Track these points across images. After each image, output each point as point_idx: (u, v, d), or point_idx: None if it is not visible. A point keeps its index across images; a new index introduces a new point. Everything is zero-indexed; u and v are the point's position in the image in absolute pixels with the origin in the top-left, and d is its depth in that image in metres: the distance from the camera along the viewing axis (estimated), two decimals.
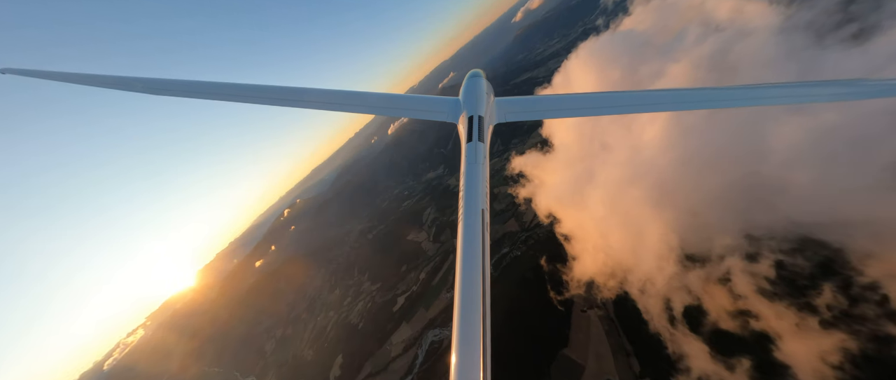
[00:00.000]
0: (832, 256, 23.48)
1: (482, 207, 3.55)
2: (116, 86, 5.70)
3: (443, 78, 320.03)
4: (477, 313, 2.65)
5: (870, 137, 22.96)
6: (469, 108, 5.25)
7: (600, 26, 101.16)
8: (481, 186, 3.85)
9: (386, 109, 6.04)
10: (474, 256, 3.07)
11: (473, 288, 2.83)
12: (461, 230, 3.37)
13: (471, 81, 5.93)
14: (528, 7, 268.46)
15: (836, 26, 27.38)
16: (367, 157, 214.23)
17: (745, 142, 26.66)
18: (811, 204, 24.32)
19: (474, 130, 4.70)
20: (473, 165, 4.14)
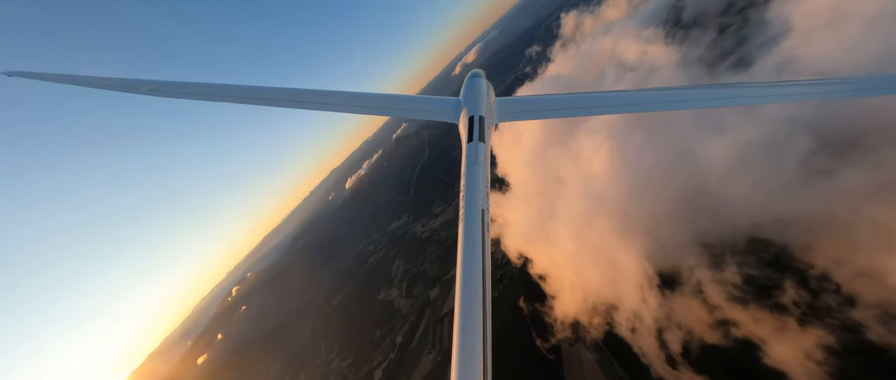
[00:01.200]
0: (779, 253, 26.08)
1: (482, 207, 3.53)
2: (120, 88, 5.65)
3: (396, 128, 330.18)
4: (477, 314, 2.63)
5: (779, 142, 27.24)
6: (469, 107, 5.21)
7: (530, 73, 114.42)
8: (481, 187, 3.82)
9: (386, 109, 6.01)
10: (474, 256, 3.06)
11: (473, 288, 2.81)
12: (461, 230, 3.36)
13: (471, 81, 5.86)
14: (464, 61, 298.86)
15: (719, 59, 34.37)
16: (324, 215, 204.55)
17: (680, 162, 30.29)
18: (747, 208, 27.57)
19: (475, 130, 4.67)
20: (474, 166, 4.12)
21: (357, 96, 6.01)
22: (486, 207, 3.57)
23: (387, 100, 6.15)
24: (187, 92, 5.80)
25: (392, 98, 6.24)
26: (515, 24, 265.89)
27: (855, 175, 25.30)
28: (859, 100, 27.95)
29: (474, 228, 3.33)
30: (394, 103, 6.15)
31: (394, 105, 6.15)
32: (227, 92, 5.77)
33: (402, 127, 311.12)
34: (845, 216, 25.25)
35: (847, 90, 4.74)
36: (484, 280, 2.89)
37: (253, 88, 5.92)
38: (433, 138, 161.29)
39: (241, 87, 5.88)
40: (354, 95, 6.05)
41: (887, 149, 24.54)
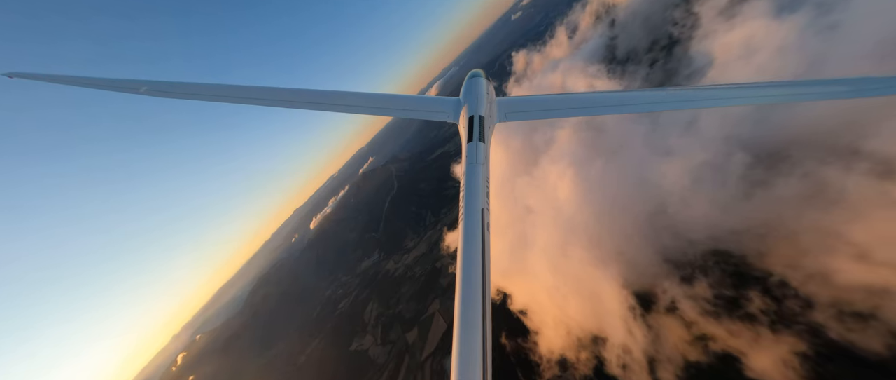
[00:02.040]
0: (739, 263, 27.51)
1: (482, 206, 3.54)
2: (121, 88, 5.67)
3: (362, 163, 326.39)
4: (477, 313, 2.63)
5: (720, 160, 29.74)
6: (470, 107, 5.20)
7: None
8: (481, 186, 3.81)
9: (386, 109, 5.95)
10: (474, 256, 3.05)
11: (473, 288, 2.80)
12: (462, 230, 3.36)
13: (471, 81, 5.81)
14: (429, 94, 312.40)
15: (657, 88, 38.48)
16: (287, 260, 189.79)
17: (638, 184, 32.03)
18: (702, 223, 29.37)
19: (475, 130, 4.66)
20: (474, 166, 4.12)
21: (357, 96, 5.94)
22: (487, 207, 3.56)
23: (387, 100, 6.07)
24: (187, 92, 5.72)
25: (392, 98, 6.15)
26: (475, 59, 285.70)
27: (788, 185, 27.98)
28: (777, 115, 32.53)
29: (474, 228, 3.33)
30: (394, 103, 6.07)
31: (394, 105, 6.07)
32: (227, 92, 5.72)
33: (369, 161, 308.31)
34: (788, 223, 27.47)
35: (847, 91, 4.67)
36: (484, 280, 2.89)
37: (253, 89, 5.89)
38: (401, 171, 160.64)
39: (241, 88, 5.83)
40: (354, 95, 5.97)
41: (808, 160, 27.65)
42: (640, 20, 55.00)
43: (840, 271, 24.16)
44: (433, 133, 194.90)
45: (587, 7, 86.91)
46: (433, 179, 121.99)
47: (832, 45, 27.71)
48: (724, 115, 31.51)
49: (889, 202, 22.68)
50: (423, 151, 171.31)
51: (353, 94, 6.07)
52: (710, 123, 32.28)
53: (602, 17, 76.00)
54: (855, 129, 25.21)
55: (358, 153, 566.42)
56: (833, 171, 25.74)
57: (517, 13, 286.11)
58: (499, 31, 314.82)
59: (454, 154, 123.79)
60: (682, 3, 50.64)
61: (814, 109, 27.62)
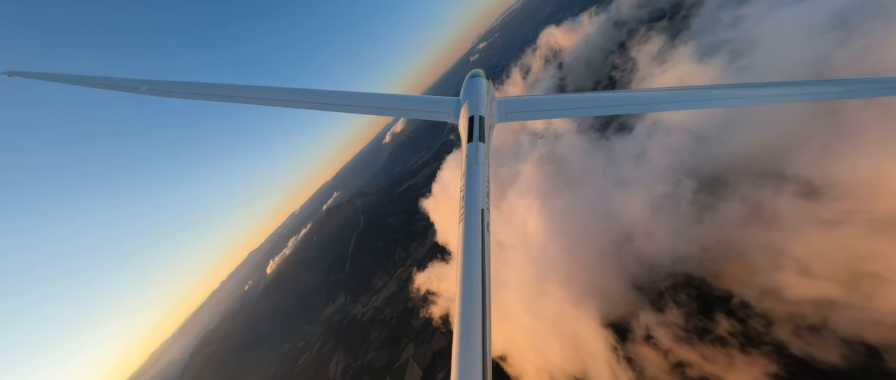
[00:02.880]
0: (700, 285, 28.55)
1: (482, 207, 3.55)
2: (120, 88, 5.68)
3: (326, 199, 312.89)
4: (477, 313, 2.64)
5: (671, 187, 31.87)
6: (470, 107, 5.20)
7: (453, 139, 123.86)
8: (481, 186, 3.82)
9: (386, 109, 5.89)
10: (474, 256, 3.06)
11: (473, 288, 2.82)
12: (461, 230, 3.36)
13: (471, 81, 5.81)
14: (393, 131, 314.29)
15: (605, 125, 41.79)
16: (239, 310, 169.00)
17: (601, 215, 33.04)
18: (662, 248, 30.57)
19: (475, 130, 4.65)
20: (474, 166, 4.11)
21: (357, 96, 5.94)
22: (487, 207, 3.58)
23: (387, 100, 6.06)
24: (187, 92, 5.73)
25: (392, 98, 6.14)
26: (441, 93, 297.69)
27: (731, 207, 30.31)
28: (709, 142, 36.27)
29: (474, 228, 3.32)
30: (394, 103, 6.06)
31: (394, 105, 6.07)
32: (226, 92, 5.73)
33: (334, 196, 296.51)
34: (736, 243, 29.37)
35: (848, 91, 4.67)
36: (484, 280, 2.88)
37: (253, 88, 5.89)
38: (368, 205, 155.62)
39: (241, 87, 5.85)
40: (354, 95, 5.97)
41: (743, 184, 30.44)
42: (583, 63, 61.23)
43: (788, 287, 25.72)
44: (399, 168, 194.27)
45: (537, 51, 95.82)
46: (402, 212, 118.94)
47: (744, 77, 32.13)
48: (667, 145, 34.46)
49: (816, 220, 25.16)
50: (390, 184, 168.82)
51: (353, 94, 6.04)
52: (656, 153, 34.94)
53: (550, 60, 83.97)
54: (777, 154, 28.42)
55: (322, 188, 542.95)
56: (766, 193, 28.43)
57: (475, 55, 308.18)
58: (459, 70, 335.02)
59: (422, 187, 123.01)
60: (618, 51, 57.29)
61: (740, 137, 31.01)
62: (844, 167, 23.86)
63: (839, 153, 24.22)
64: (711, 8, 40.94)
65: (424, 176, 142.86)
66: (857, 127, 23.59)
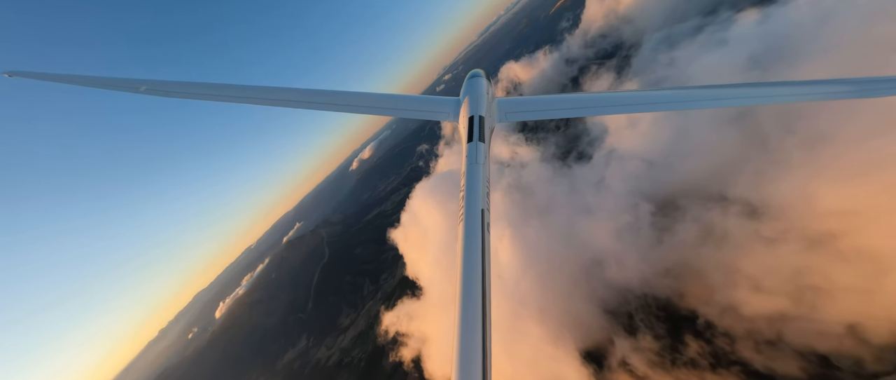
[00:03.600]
0: (666, 305, 29.22)
1: (482, 207, 3.54)
2: (120, 88, 5.73)
3: (287, 230, 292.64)
4: (477, 313, 2.67)
5: (631, 211, 33.29)
6: (470, 107, 5.17)
7: (423, 166, 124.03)
8: (481, 187, 3.79)
9: (386, 109, 5.93)
10: (474, 257, 3.06)
11: (473, 288, 2.84)
12: (461, 230, 3.35)
13: (471, 81, 5.80)
14: (361, 157, 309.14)
15: (566, 154, 43.83)
16: (177, 365, 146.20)
17: (570, 242, 33.44)
18: (628, 271, 31.28)
19: (475, 130, 4.63)
20: (474, 166, 4.10)
21: (357, 96, 5.92)
22: (487, 208, 3.58)
23: (387, 100, 6.04)
24: (187, 92, 5.71)
25: (392, 98, 6.13)
26: (405, 124, 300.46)
27: (686, 229, 32.06)
28: (658, 167, 39.08)
29: (474, 228, 3.33)
30: (394, 103, 6.05)
31: (394, 105, 6.05)
32: (226, 92, 5.70)
33: (296, 227, 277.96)
34: (693, 263, 30.82)
35: (850, 91, 4.63)
36: (484, 280, 2.91)
37: (252, 88, 5.87)
38: (334, 236, 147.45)
39: (241, 87, 5.82)
40: (354, 95, 5.95)
41: (693, 206, 32.57)
42: (540, 94, 65.05)
43: (744, 303, 26.98)
44: (367, 194, 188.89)
45: (498, 84, 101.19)
46: (370, 241, 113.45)
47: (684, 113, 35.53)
48: (623, 171, 36.52)
49: (760, 238, 27.18)
50: (358, 212, 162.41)
51: (352, 93, 6.02)
52: (614, 179, 36.77)
53: (511, 92, 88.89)
54: (719, 178, 30.98)
55: (282, 219, 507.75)
56: (714, 214, 30.52)
57: (441, 86, 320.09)
58: None
59: (392, 214, 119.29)
60: (571, 85, 61.90)
61: (687, 163, 33.62)
62: (776, 189, 26.34)
63: (770, 177, 26.81)
64: (648, 50, 46.26)
65: (394, 203, 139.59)
66: (782, 154, 26.44)
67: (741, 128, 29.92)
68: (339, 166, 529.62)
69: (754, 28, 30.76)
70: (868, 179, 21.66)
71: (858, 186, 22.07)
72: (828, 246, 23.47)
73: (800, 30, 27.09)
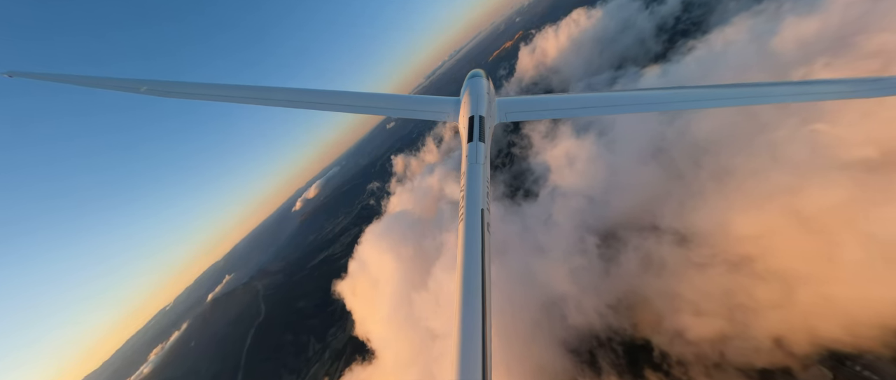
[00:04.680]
0: (622, 338, 29.15)
1: (482, 207, 3.53)
2: (121, 88, 5.74)
3: (213, 285, 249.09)
4: (477, 313, 2.68)
5: (580, 245, 33.98)
6: (470, 107, 5.18)
7: (374, 205, 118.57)
8: (481, 186, 3.81)
9: (386, 109, 5.91)
10: (474, 256, 3.07)
11: (473, 288, 2.84)
12: (462, 230, 3.34)
13: (472, 81, 5.82)
14: (306, 196, 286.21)
15: (514, 192, 44.99)
16: None
17: (525, 282, 32.57)
18: (583, 306, 31.16)
19: (475, 130, 4.62)
20: (474, 166, 4.11)
21: (357, 96, 5.96)
22: (487, 207, 3.56)
23: (387, 100, 6.07)
24: (187, 92, 5.72)
25: (392, 98, 6.17)
26: (354, 161, 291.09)
27: (629, 258, 33.49)
28: (597, 202, 41.72)
29: (474, 228, 3.30)
30: (394, 103, 6.07)
31: (394, 105, 6.06)
32: (226, 92, 5.73)
33: (226, 280, 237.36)
34: (640, 290, 31.89)
35: (850, 91, 4.62)
36: (484, 280, 2.91)
37: (253, 88, 5.91)
38: (272, 288, 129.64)
39: (241, 87, 5.86)
40: (354, 95, 5.99)
41: (631, 236, 34.55)
42: None
43: (688, 328, 27.98)
44: (313, 236, 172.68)
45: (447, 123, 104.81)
46: (316, 291, 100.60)
47: (611, 151, 39.02)
48: (568, 208, 38.02)
49: (692, 263, 29.20)
50: (302, 257, 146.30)
51: (352, 93, 5.99)
52: (560, 215, 37.94)
53: (454, 136, 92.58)
54: (650, 210, 33.55)
55: (208, 272, 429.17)
56: (650, 243, 32.47)
57: (391, 123, 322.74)
58: (376, 137, 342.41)
59: (341, 257, 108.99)
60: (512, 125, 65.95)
61: (622, 197, 36.19)
62: (698, 218, 29.01)
63: (691, 208, 29.61)
64: None
65: (343, 244, 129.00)
66: (697, 186, 29.64)
67: (661, 164, 33.36)
68: (280, 208, 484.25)
69: (657, 80, 35.89)
70: (767, 206, 24.83)
71: (761, 213, 25.12)
72: (747, 268, 25.84)
73: (695, 80, 32.09)
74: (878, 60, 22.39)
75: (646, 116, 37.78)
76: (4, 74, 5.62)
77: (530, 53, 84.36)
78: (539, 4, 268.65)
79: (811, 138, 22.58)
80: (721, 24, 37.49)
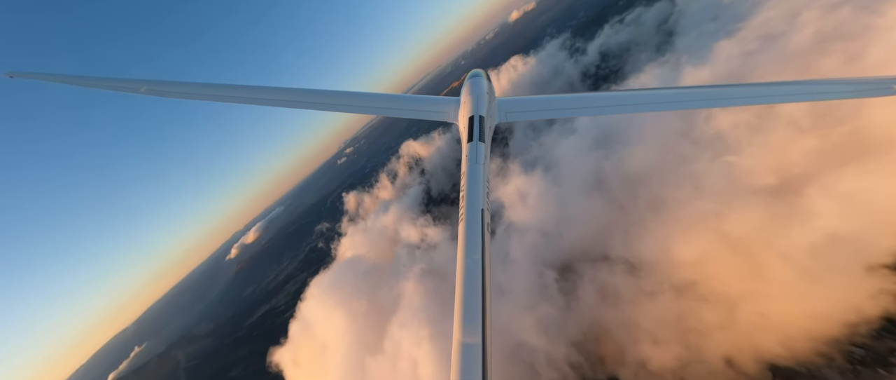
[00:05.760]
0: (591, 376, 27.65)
1: (482, 207, 3.50)
2: (120, 88, 5.69)
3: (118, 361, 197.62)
4: (477, 313, 2.63)
5: (539, 280, 32.97)
6: (470, 107, 5.14)
7: (323, 247, 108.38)
8: (481, 186, 3.78)
9: (386, 109, 5.91)
10: (474, 257, 3.06)
11: (473, 288, 2.81)
12: (462, 230, 3.34)
13: (472, 81, 5.78)
14: (243, 242, 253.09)
15: None
16: None
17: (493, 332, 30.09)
18: (552, 345, 29.50)
19: (475, 130, 4.59)
20: (474, 166, 4.07)
21: (357, 96, 5.94)
22: (487, 207, 3.53)
23: (387, 100, 6.07)
24: (187, 92, 5.69)
25: (392, 98, 6.22)
26: (301, 199, 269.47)
27: (586, 290, 33.21)
28: (552, 236, 42.21)
29: (474, 228, 3.28)
30: (394, 103, 6.06)
31: (394, 105, 6.04)
32: (226, 92, 5.69)
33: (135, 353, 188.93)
34: (601, 322, 31.31)
35: (851, 91, 4.52)
36: (484, 280, 2.87)
37: (253, 88, 5.85)
38: (196, 356, 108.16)
39: (241, 87, 5.81)
40: (354, 95, 5.96)
41: (585, 268, 34.71)
42: (440, 170, 68.12)
43: (650, 358, 27.58)
44: (251, 289, 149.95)
45: (401, 160, 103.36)
46: (255, 354, 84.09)
47: (557, 185, 40.29)
48: (523, 243, 37.51)
49: (643, 292, 29.67)
50: (237, 315, 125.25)
51: (351, 93, 5.97)
52: (516, 252, 37.17)
53: (414, 167, 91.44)
54: (599, 240, 34.30)
55: (110, 345, 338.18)
56: (604, 274, 32.71)
57: (342, 158, 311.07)
58: (325, 173, 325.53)
59: (285, 311, 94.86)
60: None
61: (573, 229, 36.74)
62: (643, 247, 30.00)
63: (635, 236, 30.67)
64: (519, 137, 54.68)
65: (288, 295, 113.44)
66: (637, 215, 31.08)
67: (603, 195, 34.90)
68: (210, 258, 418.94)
69: (591, 119, 38.94)
70: (699, 232, 26.47)
71: (695, 239, 26.63)
72: (692, 291, 26.72)
73: (621, 120, 35.18)
74: None
75: (585, 146, 40.31)
76: (4, 75, 5.55)
77: None
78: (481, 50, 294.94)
79: (725, 169, 25.12)
80: (635, 72, 43.56)
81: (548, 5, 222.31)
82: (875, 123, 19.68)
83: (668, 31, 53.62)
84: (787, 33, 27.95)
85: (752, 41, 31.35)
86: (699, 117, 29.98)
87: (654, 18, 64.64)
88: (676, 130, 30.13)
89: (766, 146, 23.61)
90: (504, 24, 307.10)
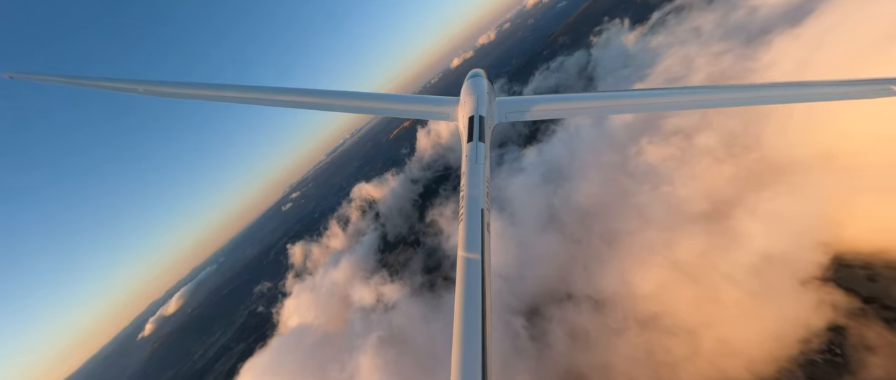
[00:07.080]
0: None
1: (482, 207, 3.49)
2: (119, 88, 5.64)
3: None
4: (477, 313, 2.62)
5: (510, 328, 30.49)
6: (470, 107, 4.99)
7: (264, 311, 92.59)
8: (482, 186, 3.75)
9: (386, 109, 5.91)
10: (474, 257, 3.02)
11: (473, 288, 2.79)
12: (462, 230, 3.31)
13: (472, 81, 5.59)
14: (162, 314, 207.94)
15: (433, 283, 40.22)
16: None
17: None
18: None
19: (475, 130, 4.51)
20: (474, 165, 4.06)
21: (357, 96, 5.89)
22: (487, 207, 3.53)
23: (387, 100, 6.04)
24: (186, 92, 5.61)
25: (392, 98, 6.14)
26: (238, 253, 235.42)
27: (555, 333, 31.10)
28: (514, 281, 40.37)
29: (474, 228, 3.27)
30: (394, 103, 6.03)
31: (394, 105, 6.00)
32: (226, 92, 5.61)
33: None
34: (575, 368, 29.01)
35: (850, 91, 4.33)
36: (484, 280, 2.85)
37: (252, 88, 5.78)
38: None
39: (241, 87, 5.73)
40: (354, 95, 5.91)
41: (551, 310, 32.96)
42: (396, 212, 64.18)
43: None
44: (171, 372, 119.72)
45: (352, 203, 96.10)
46: None
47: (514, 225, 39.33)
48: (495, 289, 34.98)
49: (610, 329, 28.47)
50: None
51: (351, 93, 5.91)
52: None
53: (367, 211, 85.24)
54: (562, 279, 33.17)
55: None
56: (570, 314, 31.13)
57: (287, 204, 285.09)
58: (268, 222, 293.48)
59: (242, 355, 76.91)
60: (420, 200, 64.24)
61: (535, 270, 35.29)
62: (603, 282, 29.33)
63: (595, 272, 30.07)
64: None
65: (219, 375, 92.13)
66: (594, 250, 30.77)
67: (558, 230, 34.51)
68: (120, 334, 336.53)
69: (536, 157, 39.81)
70: (653, 261, 26.55)
71: (650, 269, 26.59)
72: (657, 324, 26.10)
73: (563, 157, 36.25)
74: (678, 136, 28.59)
75: (533, 183, 40.68)
76: (4, 75, 5.38)
77: (426, 135, 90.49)
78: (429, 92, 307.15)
79: (664, 199, 26.19)
80: None
81: (485, 53, 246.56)
82: (776, 147, 22.27)
83: (589, 76, 60.64)
84: (686, 76, 32.29)
85: (660, 83, 35.59)
86: (630, 151, 31.95)
87: (574, 65, 73.40)
88: (613, 164, 31.67)
89: (693, 175, 25.28)
90: (447, 70, 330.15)
